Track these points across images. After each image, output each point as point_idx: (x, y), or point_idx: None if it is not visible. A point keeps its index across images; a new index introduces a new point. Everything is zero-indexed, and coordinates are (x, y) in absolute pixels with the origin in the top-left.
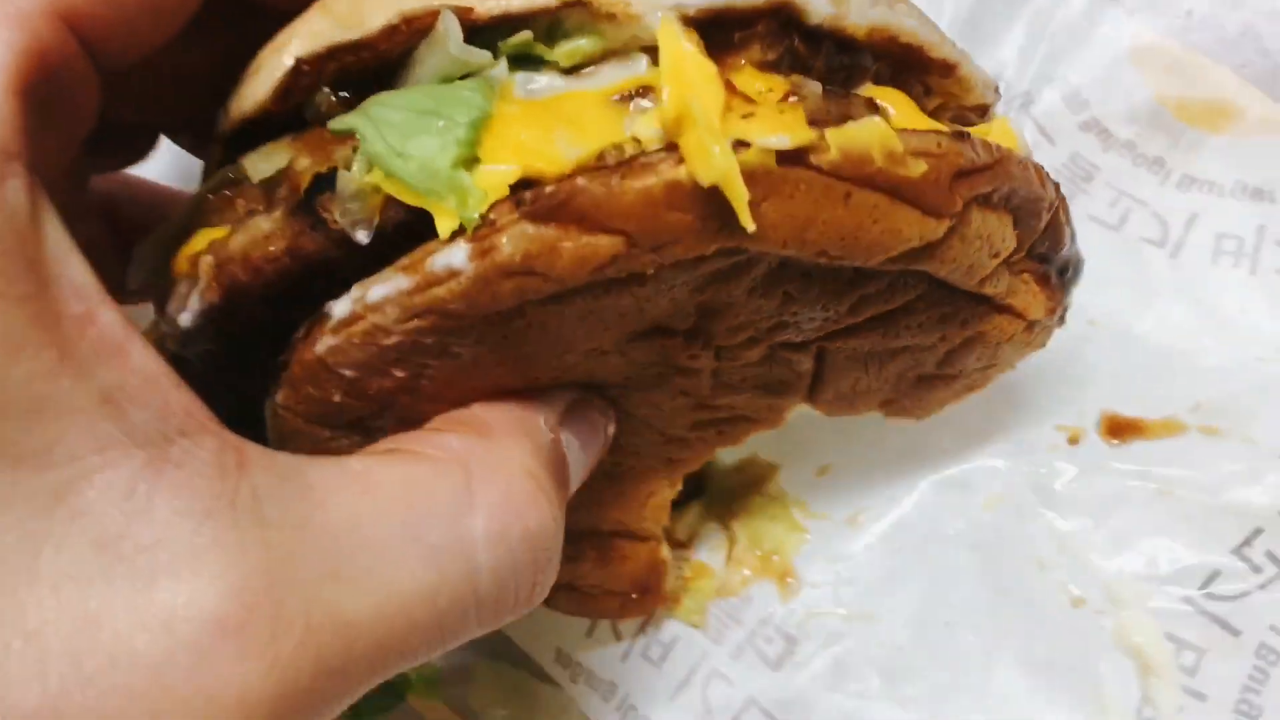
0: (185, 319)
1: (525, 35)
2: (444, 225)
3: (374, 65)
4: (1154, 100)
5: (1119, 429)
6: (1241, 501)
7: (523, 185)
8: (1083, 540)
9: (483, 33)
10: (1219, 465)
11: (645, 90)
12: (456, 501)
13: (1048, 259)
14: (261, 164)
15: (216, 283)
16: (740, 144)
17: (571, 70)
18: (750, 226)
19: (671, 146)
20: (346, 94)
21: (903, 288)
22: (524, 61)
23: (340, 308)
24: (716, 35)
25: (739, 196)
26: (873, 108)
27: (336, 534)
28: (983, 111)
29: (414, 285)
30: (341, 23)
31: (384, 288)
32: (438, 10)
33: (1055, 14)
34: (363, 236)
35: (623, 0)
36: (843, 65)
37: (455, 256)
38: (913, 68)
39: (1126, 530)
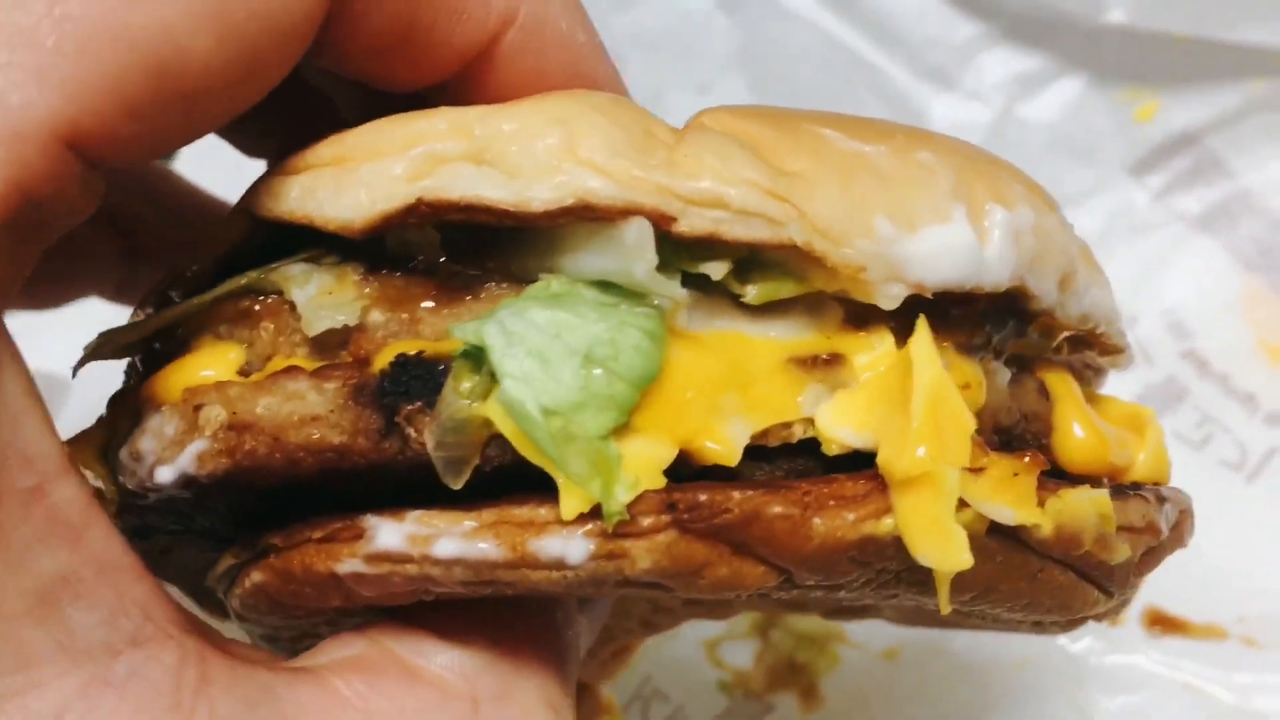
0: (163, 476)
1: (723, 266)
2: (569, 505)
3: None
4: (1256, 345)
5: (1161, 623)
6: (1266, 710)
7: (676, 466)
8: (1104, 717)
9: (664, 243)
10: (1251, 673)
11: (835, 358)
12: None
13: None
14: (309, 290)
15: (227, 453)
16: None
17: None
18: (945, 610)
19: (870, 476)
20: (456, 238)
21: None
22: (693, 279)
23: (387, 536)
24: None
25: (946, 581)
26: (1043, 395)
27: None
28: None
29: (505, 560)
30: (491, 168)
31: (458, 545)
32: (628, 210)
33: (1172, 251)
34: (453, 481)
35: (854, 264)
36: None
37: (572, 549)
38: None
39: (1146, 714)
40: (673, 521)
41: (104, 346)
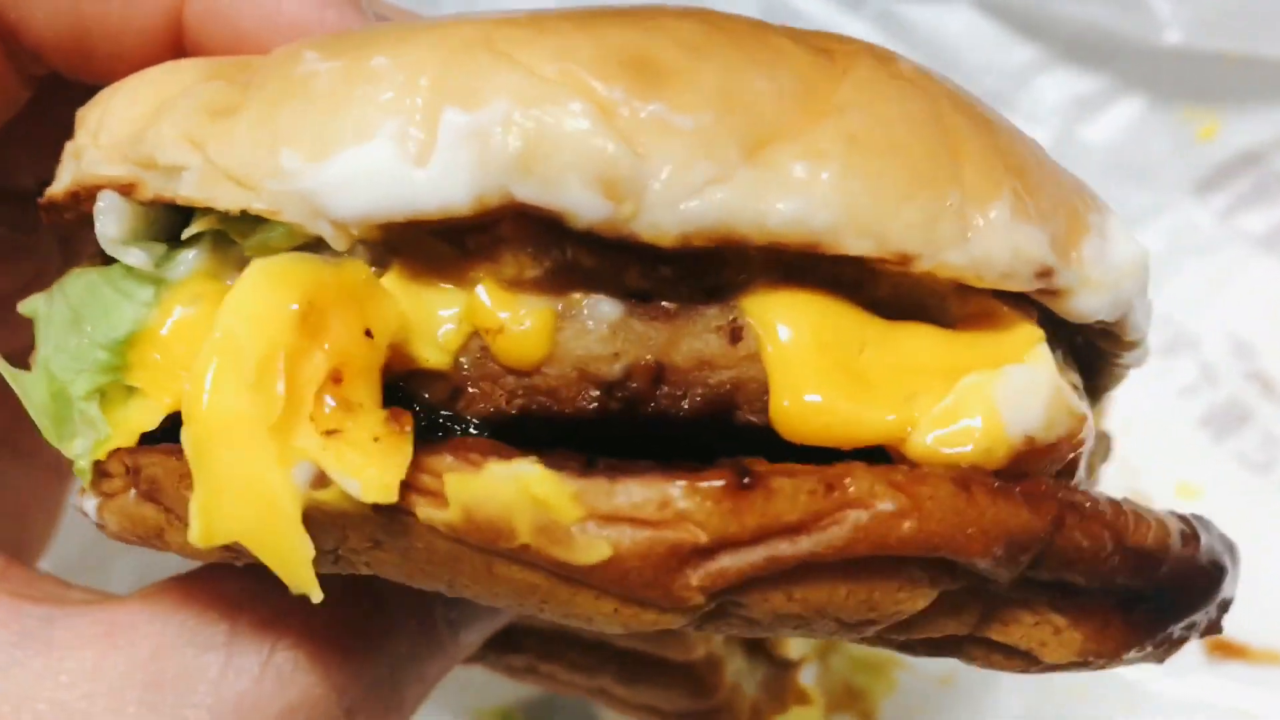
0: None
1: (200, 226)
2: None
3: None
4: None
5: (1222, 648)
6: None
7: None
8: None
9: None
10: None
11: None
12: (209, 657)
13: (1082, 591)
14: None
15: None
16: (321, 474)
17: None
18: (316, 597)
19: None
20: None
21: None
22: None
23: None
24: (453, 240)
25: (287, 564)
26: (733, 335)
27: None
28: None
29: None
30: (71, 158)
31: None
32: (100, 186)
33: (1236, 271)
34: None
35: (270, 208)
36: (689, 272)
37: (90, 507)
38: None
39: None
40: (132, 484)
41: None
